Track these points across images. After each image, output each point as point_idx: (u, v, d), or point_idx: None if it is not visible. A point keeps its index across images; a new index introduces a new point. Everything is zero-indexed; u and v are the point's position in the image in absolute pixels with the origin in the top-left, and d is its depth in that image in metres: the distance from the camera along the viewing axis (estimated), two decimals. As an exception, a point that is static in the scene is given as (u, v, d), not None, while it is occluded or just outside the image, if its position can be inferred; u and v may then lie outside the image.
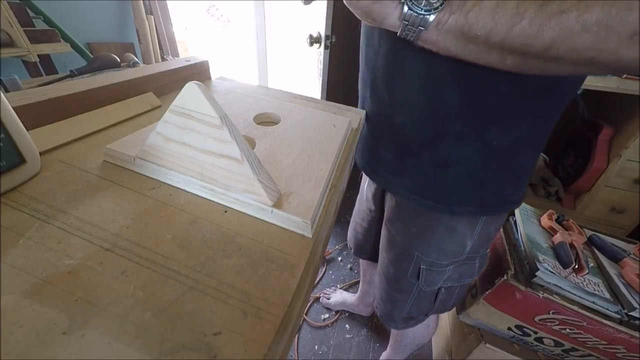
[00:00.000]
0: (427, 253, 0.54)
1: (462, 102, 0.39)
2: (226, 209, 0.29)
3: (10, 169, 0.26)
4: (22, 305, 0.19)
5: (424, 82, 0.40)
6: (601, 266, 0.74)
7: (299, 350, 1.02)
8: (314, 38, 1.07)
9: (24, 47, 0.90)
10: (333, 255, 1.38)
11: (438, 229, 0.52)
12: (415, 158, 0.47)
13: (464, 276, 0.58)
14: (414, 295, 0.61)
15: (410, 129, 0.45)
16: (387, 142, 0.50)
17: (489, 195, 0.47)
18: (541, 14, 0.25)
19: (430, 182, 0.48)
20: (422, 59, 0.38)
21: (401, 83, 0.43)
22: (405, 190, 0.51)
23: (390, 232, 0.60)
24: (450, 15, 0.29)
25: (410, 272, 0.58)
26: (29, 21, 1.04)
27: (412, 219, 0.54)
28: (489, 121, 0.40)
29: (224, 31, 2.31)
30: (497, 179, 0.46)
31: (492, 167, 0.44)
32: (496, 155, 0.43)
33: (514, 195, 0.49)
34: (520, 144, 0.42)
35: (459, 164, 0.44)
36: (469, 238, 0.51)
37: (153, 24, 1.53)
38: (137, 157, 0.31)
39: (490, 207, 0.48)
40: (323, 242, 0.32)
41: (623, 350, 0.66)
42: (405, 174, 0.50)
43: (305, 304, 0.27)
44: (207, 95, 0.27)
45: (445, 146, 0.43)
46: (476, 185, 0.46)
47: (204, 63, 0.62)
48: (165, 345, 0.18)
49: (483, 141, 0.42)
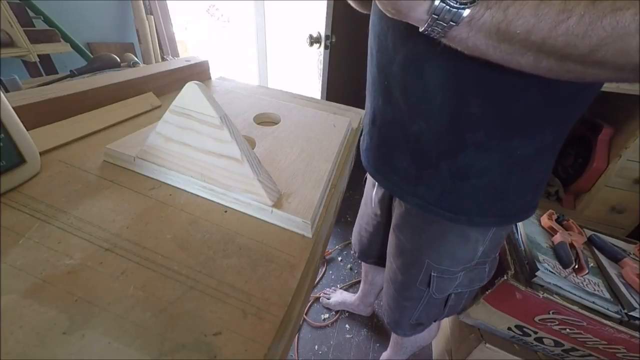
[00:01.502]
0: (439, 261, 0.53)
1: (485, 111, 0.37)
2: (226, 209, 0.29)
3: (10, 169, 0.26)
4: (22, 305, 0.19)
5: (445, 91, 0.38)
6: (601, 266, 0.73)
7: (299, 350, 1.02)
8: (314, 38, 1.07)
9: (24, 47, 0.90)
10: (333, 255, 1.38)
11: (450, 236, 0.50)
12: (432, 168, 0.45)
13: (474, 281, 0.57)
14: (424, 302, 0.60)
15: (428, 138, 0.43)
16: (401, 150, 0.48)
17: (509, 205, 0.45)
18: (592, 10, 0.22)
19: (448, 193, 0.45)
20: (443, 66, 0.36)
21: (419, 91, 0.41)
22: (420, 200, 0.48)
23: (399, 239, 0.58)
24: (486, 10, 0.25)
25: (420, 279, 0.56)
26: (29, 21, 1.04)
27: (423, 226, 0.52)
28: (514, 131, 0.38)
29: (224, 31, 2.31)
30: (518, 188, 0.44)
31: (514, 177, 0.42)
32: (519, 164, 0.41)
33: (532, 202, 0.47)
34: (542, 152, 0.41)
35: (480, 175, 0.42)
36: (480, 244, 0.50)
37: (153, 24, 1.53)
38: (137, 157, 0.31)
39: (511, 216, 0.46)
40: (323, 242, 0.32)
41: (623, 350, 0.66)
42: (421, 184, 0.47)
43: (305, 304, 0.27)
44: (207, 95, 0.27)
45: (465, 157, 0.41)
46: (497, 196, 0.44)
47: (204, 63, 0.62)
48: (165, 345, 0.18)
49: (506, 151, 0.39)
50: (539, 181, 0.46)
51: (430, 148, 0.43)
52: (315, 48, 1.10)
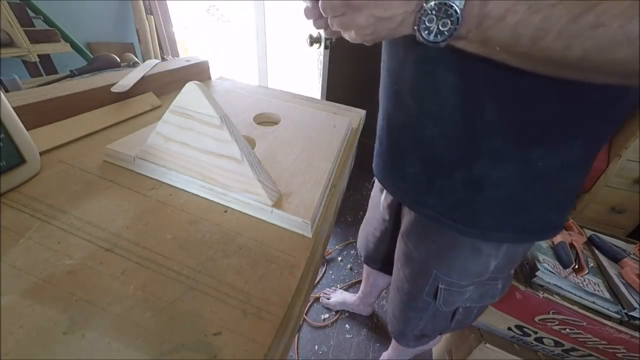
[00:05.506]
0: (447, 273, 0.50)
1: (502, 117, 0.34)
2: (226, 209, 0.29)
3: (10, 169, 0.26)
4: (22, 305, 0.19)
5: (458, 95, 0.36)
6: (601, 266, 0.74)
7: (299, 350, 1.02)
8: (314, 38, 1.07)
9: (24, 47, 0.90)
10: (333, 255, 1.38)
11: (461, 248, 0.46)
12: (444, 177, 0.42)
13: (484, 297, 0.53)
14: (430, 314, 0.57)
15: (440, 145, 0.40)
16: (412, 157, 0.45)
17: (528, 221, 0.41)
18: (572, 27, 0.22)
19: (461, 204, 0.42)
20: (457, 69, 0.35)
21: (431, 95, 0.39)
22: (430, 210, 0.46)
23: (407, 247, 0.55)
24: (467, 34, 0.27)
25: (426, 290, 0.54)
26: (29, 21, 1.04)
27: (433, 235, 0.49)
28: (535, 140, 0.35)
29: (224, 31, 2.31)
30: (539, 204, 0.40)
31: (535, 191, 0.39)
32: (541, 178, 0.37)
33: (555, 221, 0.43)
34: (569, 166, 0.37)
35: (497, 186, 0.39)
36: (493, 258, 0.46)
37: (153, 24, 1.53)
38: (137, 157, 0.31)
39: (529, 233, 0.43)
40: (323, 242, 0.32)
41: (623, 350, 0.66)
42: (432, 193, 0.44)
43: (305, 304, 0.27)
44: (207, 95, 0.27)
45: (480, 166, 0.38)
46: (515, 210, 0.40)
47: (204, 63, 0.62)
48: (165, 345, 0.18)
49: (526, 162, 0.36)
50: (565, 199, 0.42)
51: (443, 155, 0.41)
52: (315, 48, 1.10)
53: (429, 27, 0.27)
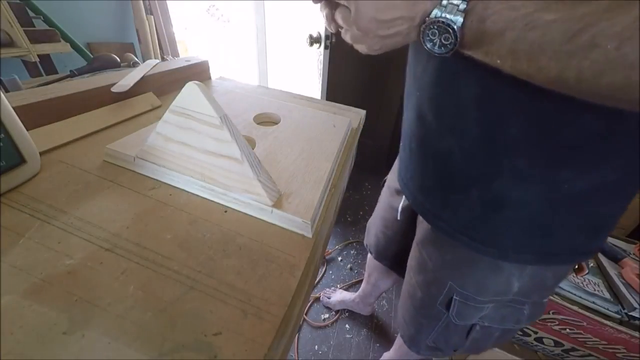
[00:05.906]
0: (463, 285, 0.47)
1: (527, 134, 0.32)
2: (226, 209, 0.29)
3: (10, 169, 0.26)
4: (22, 305, 0.19)
5: (481, 107, 0.34)
6: (601, 266, 0.74)
7: (299, 350, 1.02)
8: (314, 38, 1.07)
9: (24, 47, 0.90)
10: (333, 255, 1.38)
11: (480, 263, 0.43)
12: (461, 193, 0.40)
13: (507, 320, 0.49)
14: (442, 324, 0.54)
15: (458, 159, 0.38)
16: (429, 169, 0.43)
17: (552, 243, 0.38)
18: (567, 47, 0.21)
19: (477, 222, 0.40)
20: (479, 79, 0.32)
21: (451, 105, 0.37)
22: (446, 225, 0.43)
23: (422, 255, 0.53)
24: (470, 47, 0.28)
25: (440, 300, 0.51)
26: (29, 21, 1.04)
27: (449, 246, 0.46)
28: (563, 161, 0.32)
29: (224, 31, 2.31)
30: (565, 228, 0.37)
31: (560, 215, 0.35)
32: (566, 201, 0.34)
33: (586, 246, 0.39)
34: (602, 190, 0.33)
35: (518, 207, 0.36)
36: (516, 278, 0.43)
37: (153, 24, 1.53)
38: (137, 157, 0.31)
39: (553, 256, 0.39)
40: (323, 242, 0.32)
41: (623, 350, 0.66)
42: (448, 209, 0.42)
43: (305, 304, 0.27)
44: (207, 95, 0.27)
45: (500, 185, 0.36)
46: (537, 232, 0.37)
47: (204, 63, 0.62)
48: (165, 345, 0.18)
49: (551, 184, 0.33)
50: (598, 225, 0.38)
51: (461, 170, 0.39)
52: (315, 48, 1.10)
53: (433, 40, 0.28)
